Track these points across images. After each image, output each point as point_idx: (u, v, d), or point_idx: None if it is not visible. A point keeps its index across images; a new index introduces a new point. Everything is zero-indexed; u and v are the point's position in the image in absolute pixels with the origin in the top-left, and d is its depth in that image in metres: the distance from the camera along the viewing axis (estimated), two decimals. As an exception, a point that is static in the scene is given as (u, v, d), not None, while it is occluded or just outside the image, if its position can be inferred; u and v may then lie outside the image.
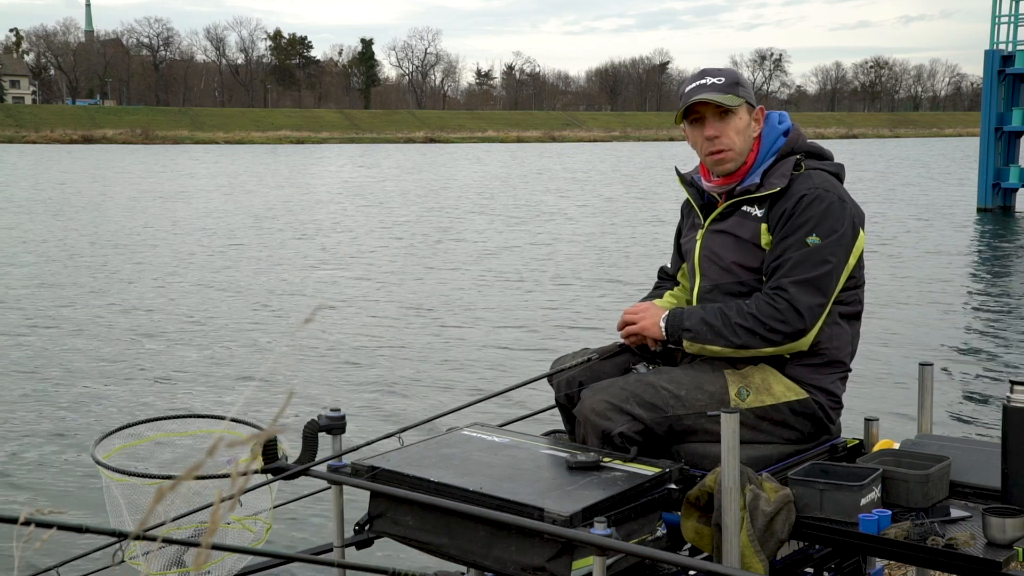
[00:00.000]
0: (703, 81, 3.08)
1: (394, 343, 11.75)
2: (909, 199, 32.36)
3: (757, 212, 3.06)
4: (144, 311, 13.70)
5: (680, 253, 3.41)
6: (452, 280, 16.36)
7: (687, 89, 3.12)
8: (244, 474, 3.05)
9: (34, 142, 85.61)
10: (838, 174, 3.15)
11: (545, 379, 3.32)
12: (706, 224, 3.18)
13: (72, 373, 10.37)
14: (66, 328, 12.63)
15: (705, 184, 3.20)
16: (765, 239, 3.03)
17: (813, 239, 2.95)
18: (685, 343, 3.05)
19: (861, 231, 3.07)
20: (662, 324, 3.09)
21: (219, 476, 3.06)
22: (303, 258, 19.05)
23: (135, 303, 14.30)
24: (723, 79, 3.08)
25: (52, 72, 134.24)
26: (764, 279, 3.04)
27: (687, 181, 3.31)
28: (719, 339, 2.98)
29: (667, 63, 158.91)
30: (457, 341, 11.86)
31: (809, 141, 3.17)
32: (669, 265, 3.51)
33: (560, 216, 27.25)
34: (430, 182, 41.42)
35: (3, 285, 15.82)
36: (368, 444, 3.26)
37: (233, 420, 3.49)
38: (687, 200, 3.33)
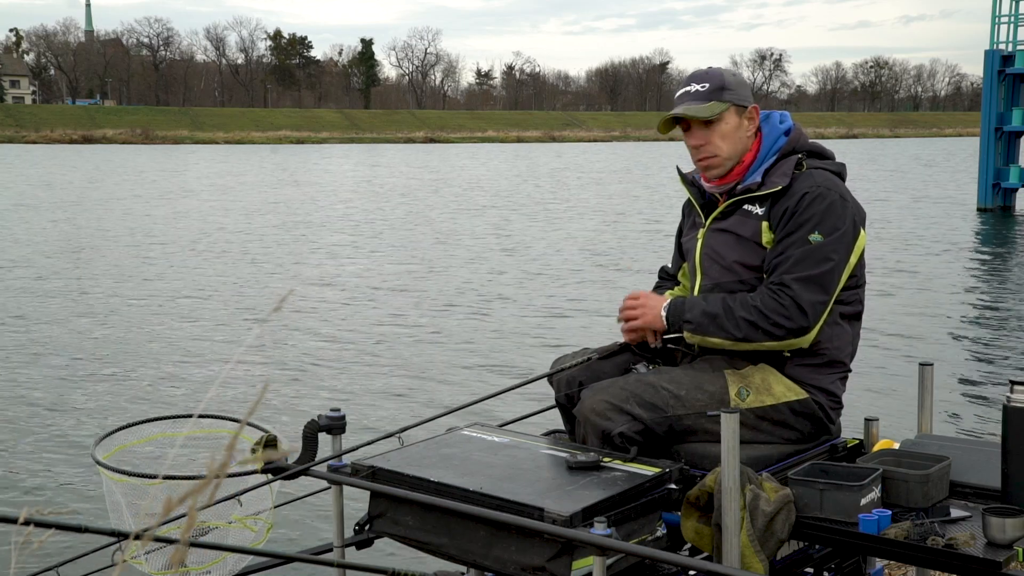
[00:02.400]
0: (688, 88, 3.11)
1: (394, 342, 11.75)
2: (909, 199, 32.35)
3: (758, 211, 3.07)
4: (147, 309, 13.70)
5: (681, 252, 3.42)
6: (454, 278, 16.36)
7: (676, 96, 3.17)
8: (245, 474, 3.05)
9: (34, 142, 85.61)
10: (839, 173, 3.15)
11: (545, 379, 3.32)
12: (707, 223, 3.19)
13: (73, 371, 10.37)
14: (67, 328, 12.63)
15: (706, 184, 3.21)
16: (766, 237, 3.04)
17: (815, 237, 2.96)
18: (686, 333, 3.06)
19: (862, 230, 3.08)
20: (663, 313, 3.10)
21: (230, 475, 3.05)
22: (307, 255, 19.04)
23: (140, 301, 14.30)
24: (707, 85, 3.08)
25: (52, 72, 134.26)
26: (765, 277, 3.04)
27: (688, 180, 3.32)
28: (720, 331, 2.98)
29: (667, 63, 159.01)
30: (457, 340, 11.86)
31: (811, 141, 3.18)
32: (670, 265, 3.51)
33: (561, 214, 27.25)
34: (433, 181, 41.41)
35: (6, 282, 15.82)
36: (368, 444, 3.25)
37: (235, 420, 3.49)
38: (688, 199, 3.33)
